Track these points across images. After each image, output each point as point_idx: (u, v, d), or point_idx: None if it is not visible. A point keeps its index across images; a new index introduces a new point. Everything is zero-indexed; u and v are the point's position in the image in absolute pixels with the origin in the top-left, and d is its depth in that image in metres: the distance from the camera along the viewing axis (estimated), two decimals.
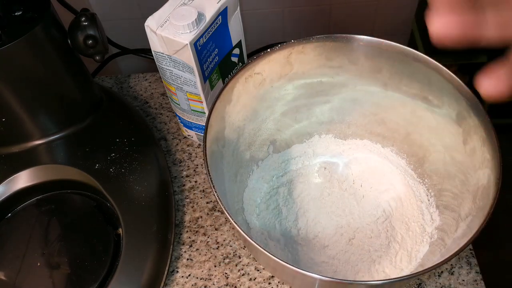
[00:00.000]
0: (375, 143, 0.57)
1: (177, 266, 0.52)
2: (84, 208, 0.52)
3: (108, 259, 0.47)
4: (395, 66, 0.48)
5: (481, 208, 0.39)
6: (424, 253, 0.47)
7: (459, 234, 0.42)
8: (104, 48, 0.49)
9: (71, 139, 0.54)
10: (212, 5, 0.48)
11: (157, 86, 0.69)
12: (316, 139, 0.58)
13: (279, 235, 0.51)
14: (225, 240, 0.53)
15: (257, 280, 0.50)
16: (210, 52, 0.49)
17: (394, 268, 0.47)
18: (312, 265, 0.48)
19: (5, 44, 0.44)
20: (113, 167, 0.52)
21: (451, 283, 0.48)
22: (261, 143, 0.55)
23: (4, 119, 0.50)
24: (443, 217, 0.48)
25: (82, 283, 0.46)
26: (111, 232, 0.50)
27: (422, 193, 0.52)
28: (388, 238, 0.50)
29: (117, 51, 0.71)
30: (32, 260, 0.48)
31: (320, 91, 0.53)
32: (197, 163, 0.60)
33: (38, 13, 0.46)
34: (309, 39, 0.47)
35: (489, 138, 0.41)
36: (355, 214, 0.52)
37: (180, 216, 0.55)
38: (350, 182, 0.55)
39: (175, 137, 0.63)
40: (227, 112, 0.47)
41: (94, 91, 0.58)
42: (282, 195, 0.54)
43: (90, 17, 0.47)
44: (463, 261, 0.50)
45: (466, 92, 0.43)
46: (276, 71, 0.49)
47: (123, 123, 0.58)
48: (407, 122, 0.52)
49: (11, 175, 0.52)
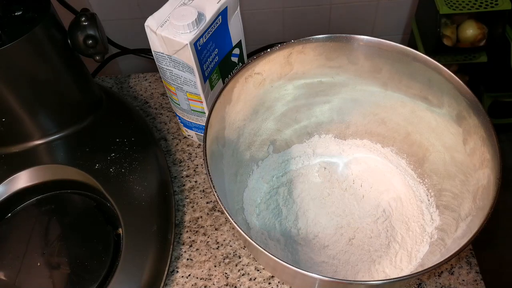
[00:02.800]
0: (375, 143, 0.57)
1: (177, 266, 0.52)
2: (84, 208, 0.52)
3: (108, 259, 0.47)
4: (395, 66, 0.48)
5: (481, 208, 0.40)
6: (424, 253, 0.47)
7: (459, 234, 0.42)
8: (104, 48, 0.49)
9: (71, 139, 0.54)
10: (212, 5, 0.48)
11: (157, 86, 0.69)
12: (316, 139, 0.58)
13: (279, 235, 0.51)
14: (225, 240, 0.53)
15: (257, 280, 0.50)
16: (210, 52, 0.49)
17: (394, 268, 0.47)
18: (312, 265, 0.48)
19: (5, 44, 0.44)
20: (113, 167, 0.52)
21: (451, 283, 0.48)
22: (261, 143, 0.55)
23: (4, 119, 0.50)
24: (443, 217, 0.48)
25: (82, 283, 0.46)
26: (111, 232, 0.50)
27: (422, 193, 0.52)
28: (388, 238, 0.50)
29: (117, 51, 0.71)
30: (32, 260, 0.48)
31: (320, 91, 0.53)
32: (197, 163, 0.60)
33: (38, 13, 0.46)
34: (309, 39, 0.47)
35: (489, 138, 0.41)
36: (355, 214, 0.52)
37: (180, 216, 0.55)
38: (350, 182, 0.55)
39: (175, 137, 0.63)
40: (227, 112, 0.47)
41: (94, 91, 0.58)
42: (282, 195, 0.54)
43: (90, 17, 0.48)
44: (463, 261, 0.50)
45: (466, 92, 0.43)
46: (276, 71, 0.49)
47: (123, 123, 0.58)
48: (407, 122, 0.52)
49: (11, 175, 0.52)
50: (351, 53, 0.48)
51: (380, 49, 0.47)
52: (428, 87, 0.47)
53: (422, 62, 0.45)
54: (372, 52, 0.48)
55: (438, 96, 0.47)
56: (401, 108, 0.51)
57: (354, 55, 0.49)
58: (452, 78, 0.44)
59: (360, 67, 0.50)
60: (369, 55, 0.48)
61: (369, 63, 0.49)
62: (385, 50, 0.47)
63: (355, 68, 0.50)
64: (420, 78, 0.47)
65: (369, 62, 0.49)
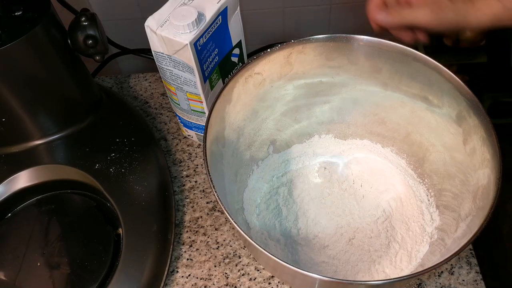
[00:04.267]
0: (375, 143, 0.57)
1: (177, 266, 0.52)
2: (84, 208, 0.52)
3: (108, 259, 0.47)
4: (395, 66, 0.48)
5: (481, 208, 0.40)
6: (424, 253, 0.47)
7: (459, 234, 0.42)
8: (104, 48, 0.49)
9: (71, 139, 0.54)
10: (212, 5, 0.48)
11: (157, 86, 0.69)
12: (316, 139, 0.58)
13: (279, 235, 0.51)
14: (225, 240, 0.53)
15: (257, 280, 0.50)
16: (210, 52, 0.49)
17: (394, 268, 0.47)
18: (312, 265, 0.48)
19: (5, 44, 0.44)
20: (113, 167, 0.52)
21: (451, 283, 0.48)
22: (261, 143, 0.55)
23: (4, 119, 0.50)
24: (443, 217, 0.48)
25: (82, 283, 0.46)
26: (111, 232, 0.50)
27: (422, 193, 0.52)
28: (388, 238, 0.50)
29: (117, 51, 0.71)
30: (32, 260, 0.48)
31: (320, 91, 0.53)
32: (197, 163, 0.60)
33: (38, 13, 0.46)
34: (309, 39, 0.47)
35: (489, 138, 0.41)
36: (355, 214, 0.52)
37: (180, 216, 0.55)
38: (350, 182, 0.55)
39: (175, 137, 0.63)
40: (227, 112, 0.47)
41: (94, 91, 0.58)
42: (282, 195, 0.54)
43: (90, 17, 0.47)
44: (463, 261, 0.50)
45: (466, 92, 0.43)
46: (276, 71, 0.49)
47: (123, 123, 0.58)
48: (407, 122, 0.52)
49: (11, 175, 0.52)
50: (351, 53, 0.48)
51: (380, 49, 0.47)
52: (428, 87, 0.47)
53: (422, 62, 0.45)
54: (372, 52, 0.48)
55: (438, 96, 0.47)
56: (401, 108, 0.51)
57: (354, 55, 0.49)
58: (452, 78, 0.44)
59: (360, 67, 0.50)
60: (369, 55, 0.48)
61: (369, 63, 0.49)
62: (385, 50, 0.47)
63: (355, 68, 0.50)
64: (420, 78, 0.47)
65: (369, 62, 0.49)
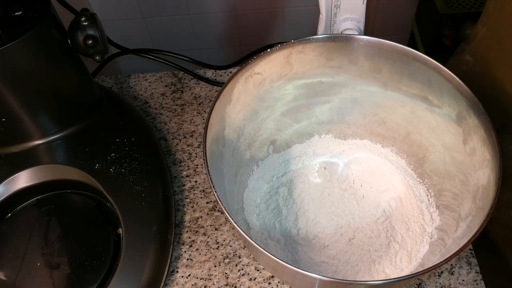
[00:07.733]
0: (375, 143, 0.57)
1: (177, 266, 0.52)
2: (84, 208, 0.52)
3: (108, 259, 0.47)
4: (395, 66, 0.48)
5: (481, 208, 0.40)
6: (424, 253, 0.47)
7: (459, 234, 0.42)
8: (104, 48, 0.49)
9: (71, 139, 0.54)
10: None
11: (157, 86, 0.69)
12: (316, 139, 0.58)
13: (279, 235, 0.51)
14: (225, 240, 0.53)
15: (257, 280, 0.50)
16: None
17: (394, 268, 0.47)
18: (312, 265, 0.48)
19: (5, 44, 0.44)
20: (113, 167, 0.52)
21: (451, 283, 0.48)
22: (261, 143, 0.55)
23: (4, 119, 0.50)
24: (443, 217, 0.48)
25: (82, 283, 0.46)
26: (111, 232, 0.50)
27: (422, 193, 0.52)
28: (388, 238, 0.50)
29: (117, 51, 0.71)
30: (32, 260, 0.48)
31: (320, 91, 0.53)
32: (197, 163, 0.60)
33: (38, 13, 0.46)
34: (309, 39, 0.47)
35: (489, 138, 0.41)
36: (355, 214, 0.52)
37: (180, 216, 0.55)
38: (350, 182, 0.55)
39: (175, 137, 0.63)
40: (227, 112, 0.47)
41: (94, 91, 0.58)
42: (282, 195, 0.54)
43: (90, 17, 0.47)
44: (463, 261, 0.50)
45: (466, 92, 0.43)
46: (276, 71, 0.49)
47: (123, 123, 0.58)
48: (407, 122, 0.52)
49: (11, 175, 0.52)
50: (351, 53, 0.48)
51: (380, 49, 0.47)
52: (428, 87, 0.47)
53: (422, 62, 0.45)
54: (372, 52, 0.48)
55: (438, 96, 0.47)
56: (401, 108, 0.51)
57: (354, 55, 0.49)
58: (452, 78, 0.44)
59: (360, 67, 0.50)
60: (369, 55, 0.48)
61: (369, 63, 0.49)
62: (385, 50, 0.47)
63: (355, 68, 0.50)
64: (420, 78, 0.47)
65: (369, 62, 0.49)
